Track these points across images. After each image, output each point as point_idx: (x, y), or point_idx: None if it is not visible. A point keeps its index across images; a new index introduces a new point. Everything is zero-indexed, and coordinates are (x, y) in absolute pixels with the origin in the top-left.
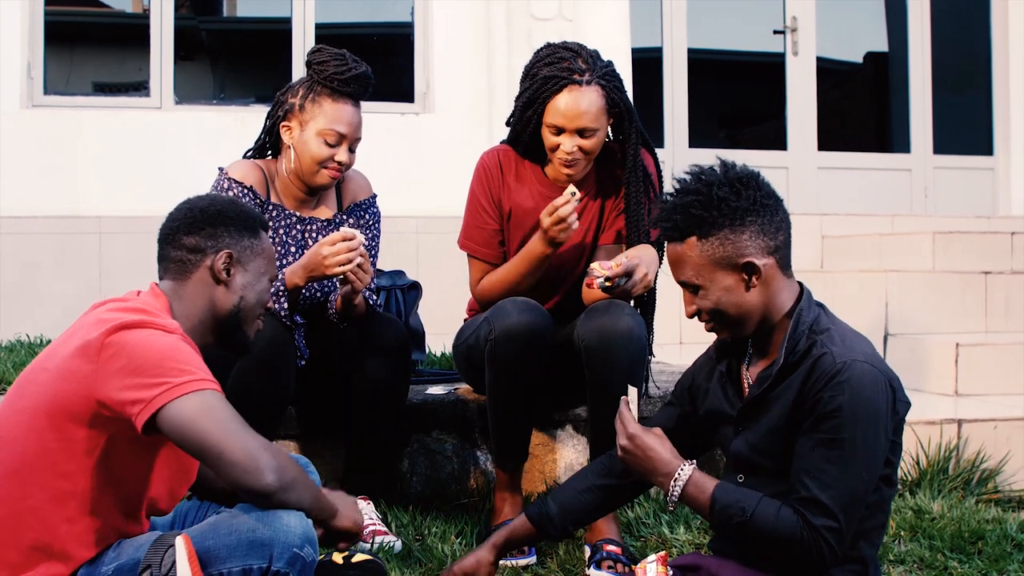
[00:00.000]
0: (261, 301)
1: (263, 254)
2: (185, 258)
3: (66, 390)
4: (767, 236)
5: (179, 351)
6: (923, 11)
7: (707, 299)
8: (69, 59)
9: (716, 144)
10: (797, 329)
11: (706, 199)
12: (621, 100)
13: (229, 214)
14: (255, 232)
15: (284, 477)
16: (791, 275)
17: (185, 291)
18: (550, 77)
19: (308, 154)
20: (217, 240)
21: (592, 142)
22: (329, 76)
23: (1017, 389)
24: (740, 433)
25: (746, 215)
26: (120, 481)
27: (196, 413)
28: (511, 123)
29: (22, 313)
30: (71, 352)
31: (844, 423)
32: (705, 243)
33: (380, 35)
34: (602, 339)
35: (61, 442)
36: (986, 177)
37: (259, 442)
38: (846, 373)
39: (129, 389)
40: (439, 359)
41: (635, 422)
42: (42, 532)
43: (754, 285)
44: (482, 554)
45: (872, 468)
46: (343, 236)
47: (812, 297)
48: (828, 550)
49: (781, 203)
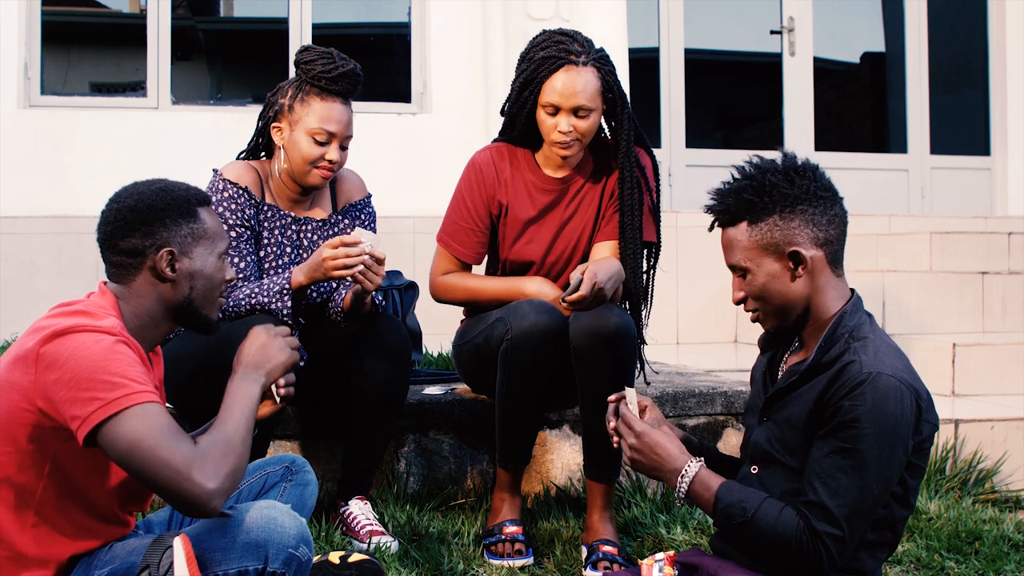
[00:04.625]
0: (216, 280)
1: (206, 234)
2: (125, 263)
3: (11, 400)
4: (817, 227)
5: (111, 360)
6: (920, 11)
7: (753, 284)
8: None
9: (713, 144)
10: (836, 331)
11: (759, 185)
12: (615, 85)
13: (160, 206)
14: (192, 214)
15: (222, 484)
16: (842, 275)
17: (132, 292)
18: (547, 57)
19: (299, 154)
20: (154, 237)
21: (587, 123)
22: (316, 75)
23: (1014, 389)
24: (763, 423)
25: (797, 203)
26: (79, 488)
27: (128, 433)
28: (506, 107)
29: (19, 313)
30: (11, 362)
31: (861, 434)
32: (754, 228)
33: (377, 35)
34: (591, 339)
35: (13, 454)
36: (983, 177)
37: (192, 452)
38: (870, 384)
39: (66, 403)
40: (436, 359)
41: (640, 420)
42: (10, 543)
43: (799, 275)
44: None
45: (884, 483)
46: (343, 241)
47: (862, 304)
48: (827, 557)
49: (838, 198)
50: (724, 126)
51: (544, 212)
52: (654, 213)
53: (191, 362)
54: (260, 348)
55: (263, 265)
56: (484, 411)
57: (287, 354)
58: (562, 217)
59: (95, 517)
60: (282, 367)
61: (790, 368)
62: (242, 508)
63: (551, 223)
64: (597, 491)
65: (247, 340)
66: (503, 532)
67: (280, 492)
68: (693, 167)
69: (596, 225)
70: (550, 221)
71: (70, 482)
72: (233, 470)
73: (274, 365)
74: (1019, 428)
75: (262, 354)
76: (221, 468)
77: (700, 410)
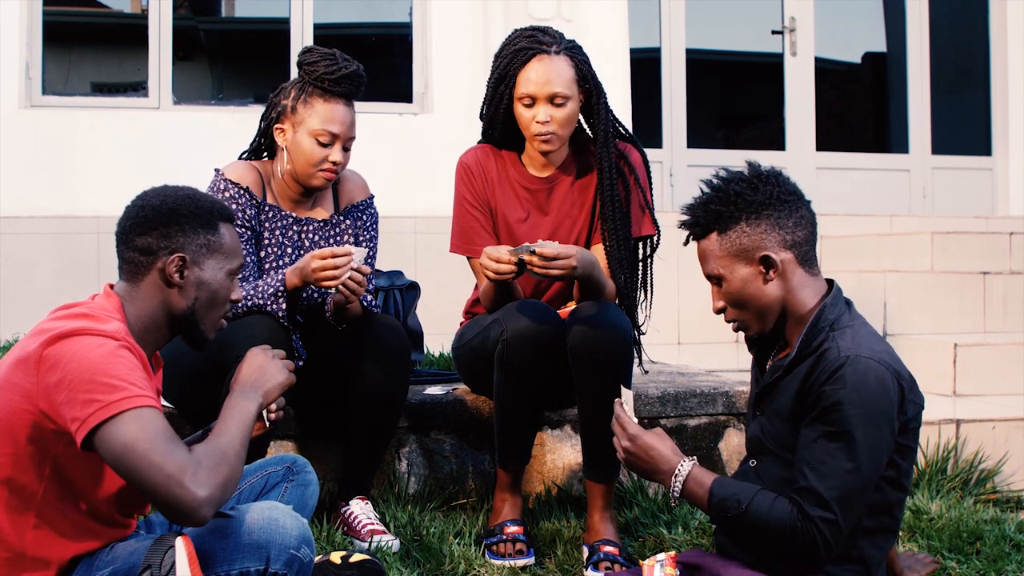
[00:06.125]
0: (221, 296)
1: (222, 249)
2: (137, 260)
3: (12, 402)
4: (784, 231)
5: (112, 364)
6: (921, 11)
7: (729, 291)
8: (67, 59)
9: (714, 144)
10: (817, 324)
11: (725, 195)
12: (590, 75)
13: (182, 211)
14: (212, 227)
15: (213, 494)
16: (816, 272)
17: (138, 293)
18: (519, 50)
19: (302, 155)
20: (170, 240)
21: (564, 112)
22: (319, 76)
23: (1015, 389)
24: (756, 417)
25: (762, 209)
26: (80, 490)
27: (124, 436)
28: (483, 108)
29: (20, 314)
30: (13, 363)
31: (845, 417)
32: (724, 237)
33: (378, 35)
34: (586, 339)
35: (14, 456)
36: (984, 177)
37: (186, 458)
38: (849, 367)
39: (65, 405)
40: (437, 359)
41: (634, 424)
42: (10, 544)
43: (771, 278)
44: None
45: (873, 464)
46: (333, 252)
47: (841, 295)
48: (823, 541)
49: (804, 201)
50: (725, 126)
51: (533, 212)
52: (647, 205)
53: (191, 362)
54: (258, 369)
55: (264, 265)
56: (485, 411)
57: (284, 375)
58: (554, 219)
59: (95, 518)
60: (279, 387)
61: (775, 363)
62: (243, 509)
63: (544, 225)
64: (597, 491)
65: (245, 361)
66: (504, 532)
67: (281, 492)
68: (694, 167)
69: (592, 225)
70: (542, 223)
71: (70, 484)
72: (225, 481)
73: (272, 385)
74: (1020, 428)
75: (260, 374)
76: (214, 478)
77: (701, 410)
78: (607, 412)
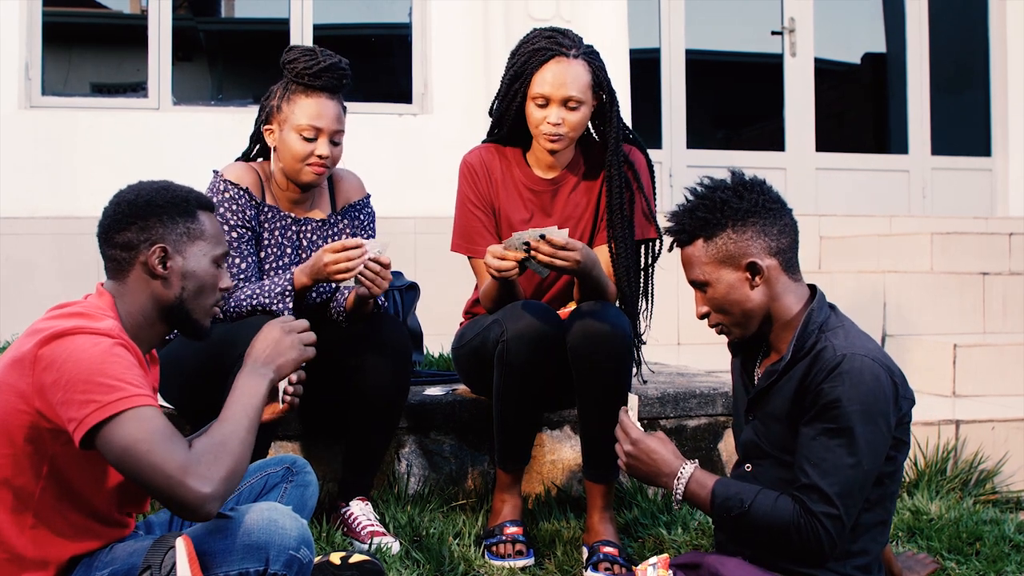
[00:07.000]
0: (208, 283)
1: (203, 236)
2: (119, 256)
3: (8, 403)
4: (769, 238)
5: (108, 363)
6: (921, 12)
7: (714, 297)
8: (67, 60)
9: (714, 145)
10: (807, 328)
11: (710, 202)
12: (605, 82)
13: (158, 202)
14: (190, 214)
15: (217, 489)
16: (799, 279)
17: (126, 289)
18: (537, 50)
19: (289, 152)
20: (149, 232)
21: (577, 116)
22: (299, 72)
23: (1015, 390)
24: (749, 422)
25: (748, 216)
26: (78, 489)
27: (123, 438)
28: (495, 105)
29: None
30: (9, 363)
31: (844, 413)
32: (710, 244)
33: (378, 36)
34: (587, 340)
35: (11, 456)
36: (984, 178)
37: (186, 456)
38: (846, 365)
39: (63, 405)
40: (437, 360)
41: (637, 428)
42: (9, 545)
43: (757, 284)
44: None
45: (873, 458)
46: (344, 245)
47: (824, 299)
48: (827, 537)
49: (787, 209)
50: (725, 127)
51: (536, 214)
52: (649, 210)
53: (192, 362)
54: (272, 343)
55: (263, 266)
56: (485, 412)
57: (299, 350)
58: (558, 220)
59: (94, 518)
60: (293, 363)
61: (768, 369)
62: (243, 510)
63: (547, 226)
64: (597, 492)
65: (260, 334)
66: (504, 533)
67: (281, 493)
68: (694, 168)
69: (595, 227)
70: (546, 224)
71: (68, 484)
72: (229, 473)
73: (285, 361)
74: (1020, 429)
75: (274, 349)
76: (216, 472)
77: (701, 411)
78: (607, 412)
